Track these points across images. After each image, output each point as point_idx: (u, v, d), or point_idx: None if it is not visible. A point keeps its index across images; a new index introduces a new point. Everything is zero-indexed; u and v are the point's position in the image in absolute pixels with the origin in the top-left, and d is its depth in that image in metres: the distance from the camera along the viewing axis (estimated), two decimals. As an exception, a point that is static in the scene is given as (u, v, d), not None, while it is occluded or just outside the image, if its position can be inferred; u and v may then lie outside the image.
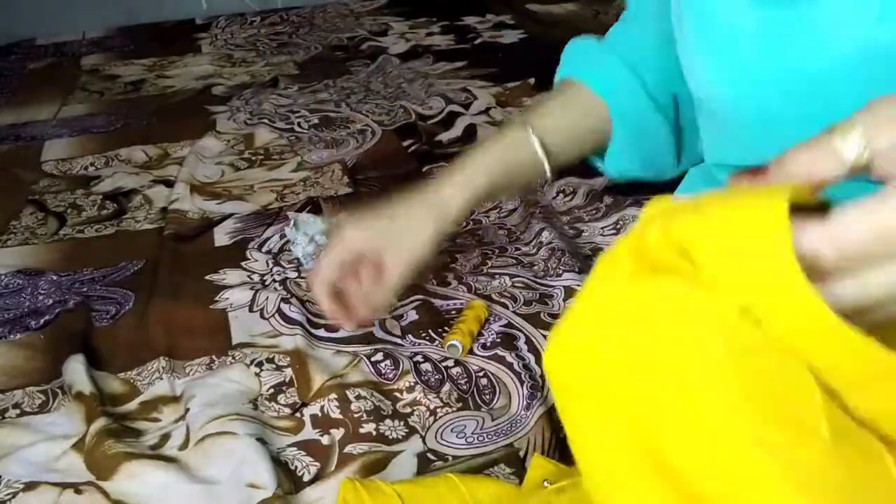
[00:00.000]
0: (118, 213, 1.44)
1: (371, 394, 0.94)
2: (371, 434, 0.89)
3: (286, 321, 1.09)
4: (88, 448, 0.88)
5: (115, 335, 1.10)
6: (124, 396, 0.98)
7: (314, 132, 1.73)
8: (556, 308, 1.09)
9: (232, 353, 1.04)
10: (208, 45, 2.42)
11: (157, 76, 2.16)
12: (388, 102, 1.88)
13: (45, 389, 0.99)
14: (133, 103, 1.97)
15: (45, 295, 1.18)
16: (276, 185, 1.50)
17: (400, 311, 1.11)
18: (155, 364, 1.02)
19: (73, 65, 2.29)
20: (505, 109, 1.79)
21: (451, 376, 0.98)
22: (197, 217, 1.39)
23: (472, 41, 2.32)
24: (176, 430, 0.92)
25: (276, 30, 2.54)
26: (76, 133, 1.79)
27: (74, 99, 2.02)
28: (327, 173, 1.54)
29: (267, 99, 1.93)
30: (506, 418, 0.91)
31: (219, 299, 1.16)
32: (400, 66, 2.14)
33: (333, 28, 2.53)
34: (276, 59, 2.25)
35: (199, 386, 0.97)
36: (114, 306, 1.16)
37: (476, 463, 0.86)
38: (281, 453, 0.88)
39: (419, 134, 1.70)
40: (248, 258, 1.26)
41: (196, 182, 1.51)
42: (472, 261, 1.23)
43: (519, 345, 1.03)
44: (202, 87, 2.05)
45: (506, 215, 1.35)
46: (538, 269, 1.19)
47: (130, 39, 2.50)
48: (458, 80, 2.00)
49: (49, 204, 1.47)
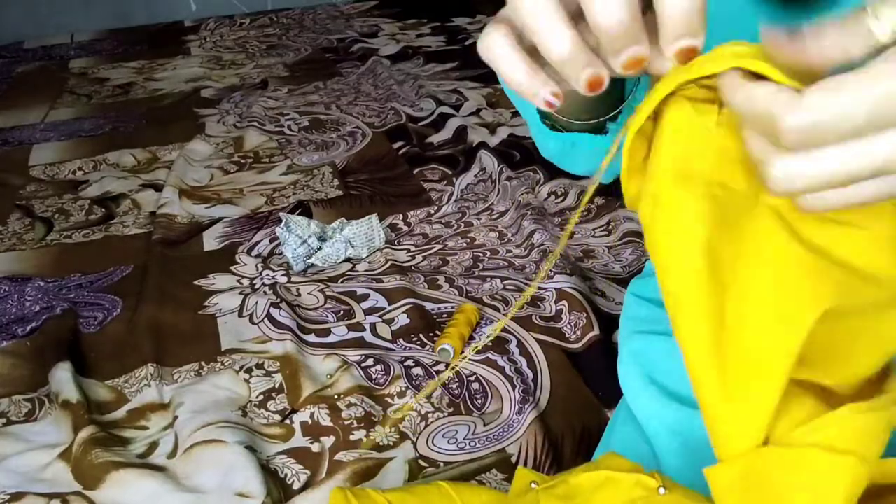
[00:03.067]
0: (106, 217, 1.42)
1: (362, 400, 0.93)
2: (362, 441, 0.88)
3: (276, 326, 1.08)
4: (76, 457, 0.87)
5: (102, 342, 1.08)
6: (112, 404, 0.97)
7: (304, 135, 1.72)
8: (548, 311, 1.08)
9: (221, 359, 1.03)
10: (197, 47, 2.40)
11: (145, 79, 2.14)
12: (379, 104, 1.87)
13: (32, 398, 0.98)
14: (122, 106, 1.96)
15: (32, 301, 1.17)
16: (266, 189, 1.49)
17: (390, 315, 1.10)
18: (143, 371, 1.01)
19: (62, 68, 2.27)
20: (495, 111, 1.79)
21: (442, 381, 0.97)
22: (186, 221, 1.38)
23: (463, 42, 2.31)
24: (164, 438, 0.91)
25: (265, 32, 2.52)
26: (64, 137, 1.77)
27: (63, 103, 2.00)
28: (318, 176, 1.53)
29: (256, 101, 1.92)
30: (498, 423, 0.90)
31: (208, 304, 1.14)
32: (390, 67, 2.13)
33: (323, 30, 2.52)
34: (266, 62, 2.24)
35: (188, 393, 0.96)
36: (101, 312, 1.14)
37: (468, 469, 0.85)
38: (270, 461, 0.87)
39: (410, 136, 1.70)
40: (237, 262, 1.25)
41: (185, 186, 1.50)
42: (463, 263, 1.22)
43: (511, 348, 1.02)
44: (191, 89, 2.04)
45: (497, 217, 1.34)
46: (530, 271, 1.18)
47: (119, 42, 2.49)
48: (449, 81, 1.99)
49: (36, 209, 1.46)
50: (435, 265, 1.22)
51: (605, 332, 1.03)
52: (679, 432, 0.57)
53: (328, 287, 1.17)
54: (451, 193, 1.43)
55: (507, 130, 1.68)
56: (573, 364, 0.99)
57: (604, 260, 1.21)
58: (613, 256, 1.22)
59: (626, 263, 1.20)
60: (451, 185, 1.46)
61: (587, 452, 0.86)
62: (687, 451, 0.56)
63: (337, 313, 1.11)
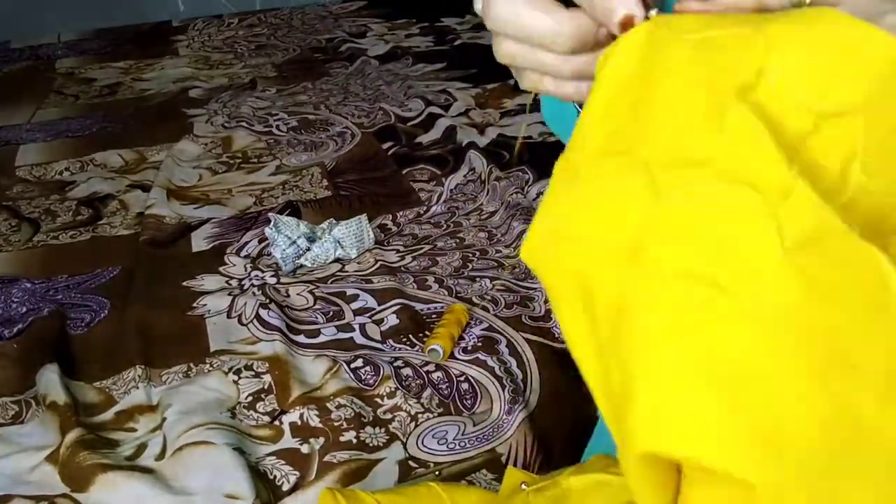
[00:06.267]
0: (94, 218, 1.41)
1: (351, 401, 0.93)
2: (352, 442, 0.88)
3: (265, 327, 1.07)
4: (63, 459, 0.86)
5: (90, 343, 1.08)
6: (99, 406, 0.96)
7: (293, 135, 1.72)
8: (537, 311, 1.08)
9: (210, 360, 1.03)
10: (185, 47, 2.39)
11: (133, 79, 2.13)
12: (368, 104, 1.87)
13: (19, 400, 0.97)
14: (109, 107, 1.95)
15: (19, 303, 1.16)
16: (254, 189, 1.49)
17: (380, 315, 1.10)
18: (131, 372, 1.00)
19: (48, 68, 2.26)
20: (484, 111, 1.79)
21: (432, 381, 0.97)
22: (174, 222, 1.38)
23: (452, 42, 2.31)
24: (152, 440, 0.90)
25: (254, 32, 2.52)
26: (51, 137, 1.76)
27: (49, 103, 1.99)
28: (307, 176, 1.53)
29: (245, 102, 1.91)
30: (487, 423, 0.90)
31: (196, 305, 1.14)
32: (379, 68, 2.13)
33: (312, 30, 2.51)
34: (255, 62, 2.23)
35: (176, 394, 0.96)
36: (89, 314, 1.14)
37: (458, 469, 0.85)
38: (259, 462, 0.86)
39: (399, 136, 1.69)
40: (226, 263, 1.24)
41: (173, 186, 1.49)
42: (452, 263, 1.22)
43: (500, 348, 1.02)
44: (179, 89, 2.03)
45: (486, 217, 1.35)
46: (519, 271, 1.18)
47: (106, 42, 2.47)
48: (438, 81, 1.99)
49: (23, 210, 1.45)
50: (424, 265, 1.22)
51: (594, 332, 1.03)
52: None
53: (317, 288, 1.17)
54: (441, 194, 1.43)
55: (496, 131, 1.68)
56: (562, 363, 0.99)
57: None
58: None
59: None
60: (441, 186, 1.46)
61: (577, 451, 0.86)
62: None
63: (326, 314, 1.11)
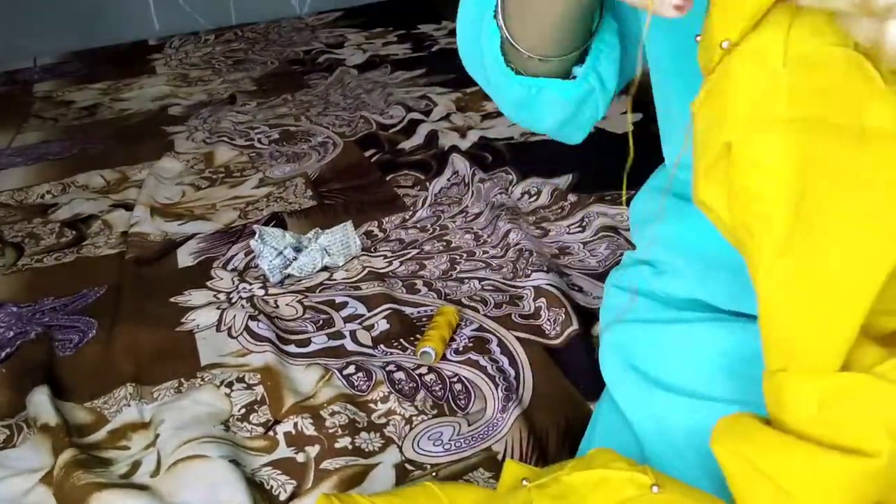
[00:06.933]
0: (77, 239, 1.41)
1: (345, 407, 0.93)
2: (347, 448, 0.88)
3: (255, 338, 1.07)
4: (57, 481, 0.85)
5: (79, 364, 1.07)
6: (92, 426, 0.96)
7: (275, 147, 1.71)
8: (526, 309, 1.09)
9: (201, 374, 1.02)
10: (163, 65, 2.39)
11: (112, 99, 2.13)
12: (348, 114, 1.87)
13: (10, 424, 0.97)
14: (89, 128, 1.94)
15: (6, 327, 1.16)
16: (238, 203, 1.48)
17: (370, 321, 1.10)
18: (122, 391, 1.00)
19: (26, 92, 2.25)
20: (465, 114, 1.79)
21: (425, 383, 0.97)
22: (159, 239, 1.37)
23: (430, 49, 2.31)
24: (146, 457, 0.90)
25: (231, 47, 2.52)
26: (32, 161, 1.76)
27: (29, 127, 1.98)
28: (290, 188, 1.53)
29: (225, 116, 1.91)
30: (482, 422, 0.90)
31: (185, 321, 1.13)
32: (358, 77, 2.14)
33: (289, 42, 2.51)
34: (233, 76, 2.23)
35: (169, 410, 0.95)
36: (77, 335, 1.13)
37: (455, 469, 0.85)
38: (255, 474, 0.86)
39: (381, 143, 1.70)
40: (213, 277, 1.24)
41: (156, 204, 1.49)
42: (440, 266, 1.22)
43: (492, 348, 1.02)
44: (158, 108, 2.03)
45: (472, 219, 1.35)
46: (507, 270, 1.18)
47: (83, 64, 2.47)
48: (417, 87, 2.00)
49: (6, 234, 1.44)
50: (412, 270, 1.22)
51: (584, 327, 1.03)
52: (660, 417, 0.57)
53: (306, 297, 1.17)
54: (425, 198, 1.44)
55: (478, 133, 1.68)
56: (554, 359, 0.99)
57: (579, 256, 1.22)
58: (589, 252, 1.22)
59: (601, 258, 1.20)
60: (425, 190, 1.47)
61: (572, 446, 0.86)
62: (667, 436, 0.57)
63: (316, 322, 1.11)
